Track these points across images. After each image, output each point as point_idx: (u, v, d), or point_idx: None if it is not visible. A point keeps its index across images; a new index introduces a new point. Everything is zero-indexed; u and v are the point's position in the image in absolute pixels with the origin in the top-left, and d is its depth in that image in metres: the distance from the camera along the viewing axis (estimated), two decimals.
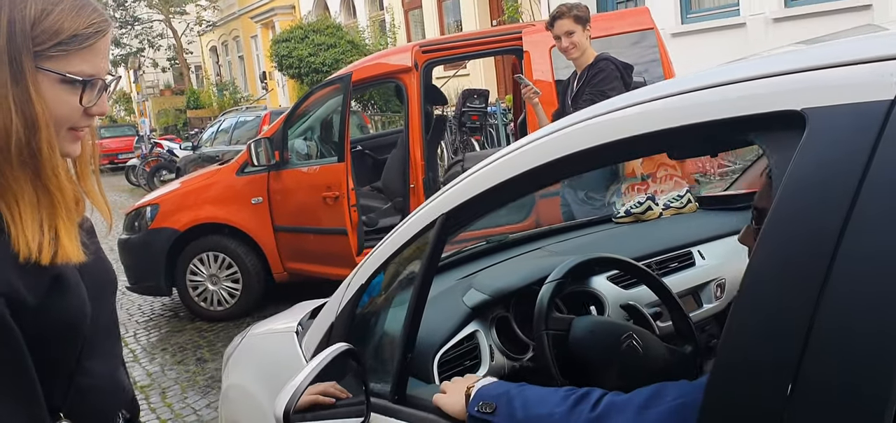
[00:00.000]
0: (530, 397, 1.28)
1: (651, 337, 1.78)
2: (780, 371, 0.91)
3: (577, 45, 4.17)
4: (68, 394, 1.28)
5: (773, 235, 0.95)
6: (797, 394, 0.89)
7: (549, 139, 1.37)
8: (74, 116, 1.22)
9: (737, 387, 0.96)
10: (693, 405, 1.13)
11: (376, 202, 6.90)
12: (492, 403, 1.31)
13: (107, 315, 1.38)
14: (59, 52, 1.17)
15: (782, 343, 0.91)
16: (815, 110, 0.95)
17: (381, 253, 1.79)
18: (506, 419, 1.28)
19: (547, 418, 1.20)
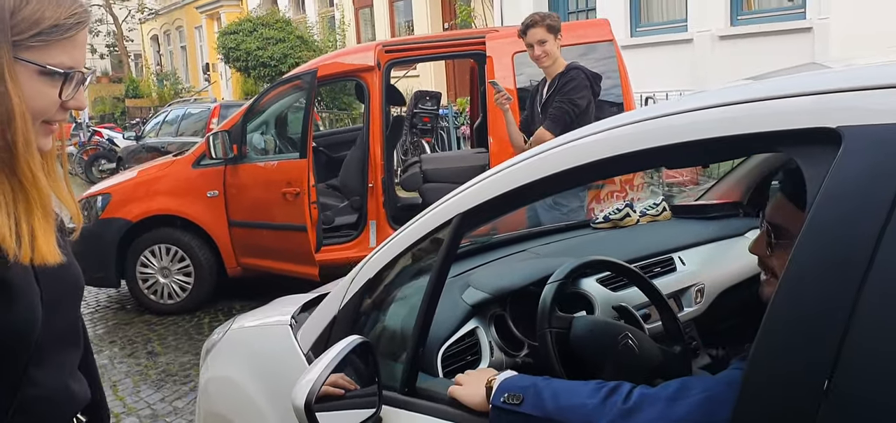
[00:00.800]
0: (559, 388, 1.33)
1: (644, 337, 1.87)
2: (815, 371, 0.99)
3: (548, 53, 4.26)
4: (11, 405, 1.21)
5: (810, 243, 1.03)
6: (832, 392, 0.97)
7: (576, 145, 1.43)
8: (51, 109, 1.18)
9: (773, 385, 1.04)
10: (717, 398, 1.21)
11: (332, 200, 6.90)
12: (519, 394, 1.36)
13: (65, 322, 1.31)
14: (38, 43, 1.12)
15: (818, 346, 0.99)
16: (850, 129, 1.03)
17: (390, 249, 1.83)
18: (535, 409, 1.33)
19: (579, 409, 1.26)
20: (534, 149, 1.59)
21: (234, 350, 2.37)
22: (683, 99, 1.32)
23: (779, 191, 1.39)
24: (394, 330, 1.88)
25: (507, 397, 1.38)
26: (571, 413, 1.26)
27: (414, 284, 1.86)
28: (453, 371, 1.88)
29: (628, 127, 1.33)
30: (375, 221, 6.12)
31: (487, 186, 1.60)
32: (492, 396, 1.42)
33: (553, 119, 4.16)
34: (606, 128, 1.38)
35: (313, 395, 1.50)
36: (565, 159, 1.44)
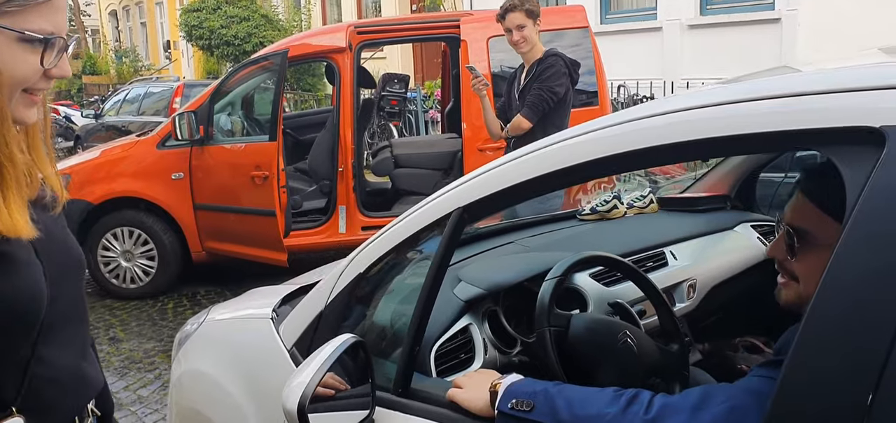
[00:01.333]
0: (573, 396, 1.27)
1: (643, 335, 1.82)
2: (860, 381, 0.94)
3: (527, 39, 4.19)
4: (22, 386, 1.18)
5: (852, 248, 0.98)
6: (877, 404, 0.92)
7: (584, 140, 1.36)
8: (33, 77, 1.12)
9: (811, 398, 0.98)
10: (741, 408, 1.16)
11: (300, 184, 6.77)
12: (529, 400, 1.29)
13: (69, 299, 1.27)
14: (15, 8, 1.08)
15: (863, 355, 0.94)
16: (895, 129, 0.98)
17: (382, 243, 1.74)
18: (547, 417, 1.26)
19: (597, 418, 1.20)
20: (538, 143, 1.52)
21: (211, 343, 2.27)
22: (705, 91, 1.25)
23: (798, 192, 1.33)
24: (386, 328, 1.80)
25: (516, 402, 1.31)
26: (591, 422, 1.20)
27: (408, 280, 1.78)
28: (446, 371, 1.81)
29: (647, 121, 1.26)
30: (345, 206, 6.01)
31: (489, 179, 1.53)
32: (498, 401, 1.35)
33: (531, 106, 4.09)
34: (624, 120, 1.31)
35: (306, 398, 1.42)
36: (573, 155, 1.37)
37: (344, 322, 1.82)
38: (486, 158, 5.61)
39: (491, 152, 5.57)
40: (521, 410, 1.30)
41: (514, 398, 1.32)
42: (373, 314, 1.85)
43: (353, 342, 1.53)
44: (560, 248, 2.30)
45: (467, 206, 1.54)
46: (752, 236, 2.58)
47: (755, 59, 8.85)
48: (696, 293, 2.32)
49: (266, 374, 1.98)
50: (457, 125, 6.83)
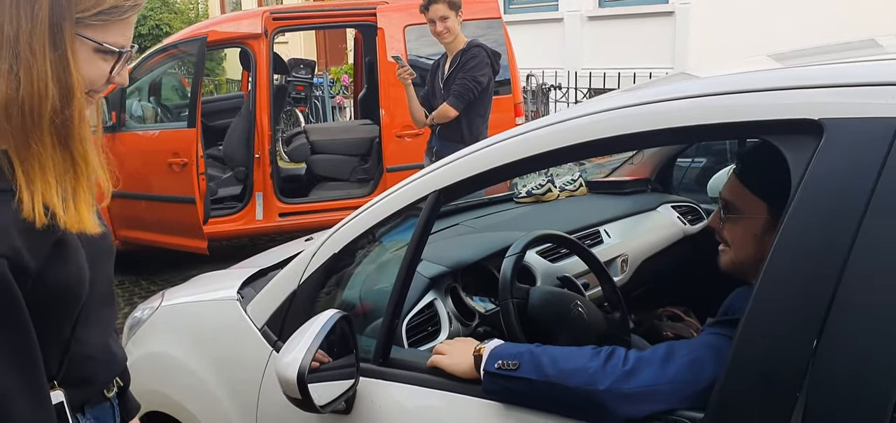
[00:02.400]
0: (556, 354, 1.42)
1: (591, 305, 2.01)
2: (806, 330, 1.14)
3: (450, 30, 4.34)
4: (63, 362, 1.28)
5: (797, 220, 1.18)
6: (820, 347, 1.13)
7: (562, 128, 1.52)
8: (99, 84, 1.23)
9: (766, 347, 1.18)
10: (700, 359, 1.35)
11: (215, 171, 6.69)
12: (515, 360, 1.44)
13: (103, 283, 1.37)
14: (98, 22, 1.18)
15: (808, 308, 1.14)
16: (831, 121, 1.18)
17: (356, 224, 1.86)
18: (534, 372, 1.41)
19: (581, 372, 1.36)
20: (508, 131, 1.67)
21: (172, 326, 2.32)
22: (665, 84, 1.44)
23: (733, 174, 1.55)
24: (363, 304, 1.91)
25: (502, 363, 1.46)
26: (574, 376, 1.36)
27: (383, 258, 1.91)
28: (416, 342, 1.95)
29: (619, 112, 1.44)
30: (262, 192, 6.01)
31: (464, 165, 1.67)
32: (484, 363, 1.49)
33: (457, 95, 4.25)
34: (592, 112, 1.48)
35: (305, 369, 1.53)
36: (546, 141, 1.53)
37: (318, 300, 1.92)
38: (405, 145, 5.75)
39: (409, 139, 5.71)
40: (507, 369, 1.45)
41: (499, 360, 1.47)
42: (345, 292, 1.96)
43: (339, 317, 1.65)
44: (505, 228, 2.47)
45: (443, 189, 1.68)
46: (673, 216, 2.83)
47: (651, 50, 9.35)
48: (628, 268, 2.54)
49: (237, 351, 2.07)
50: (370, 112, 6.92)
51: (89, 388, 1.36)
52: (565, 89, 9.34)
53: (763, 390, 1.19)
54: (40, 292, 1.18)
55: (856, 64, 1.40)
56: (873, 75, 1.20)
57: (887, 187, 1.11)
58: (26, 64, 1.13)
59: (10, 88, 1.12)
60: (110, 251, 1.39)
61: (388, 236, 1.94)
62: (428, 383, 1.64)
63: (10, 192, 1.14)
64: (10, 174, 1.15)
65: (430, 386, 1.63)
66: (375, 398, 1.68)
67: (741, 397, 1.21)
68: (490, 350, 1.51)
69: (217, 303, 2.27)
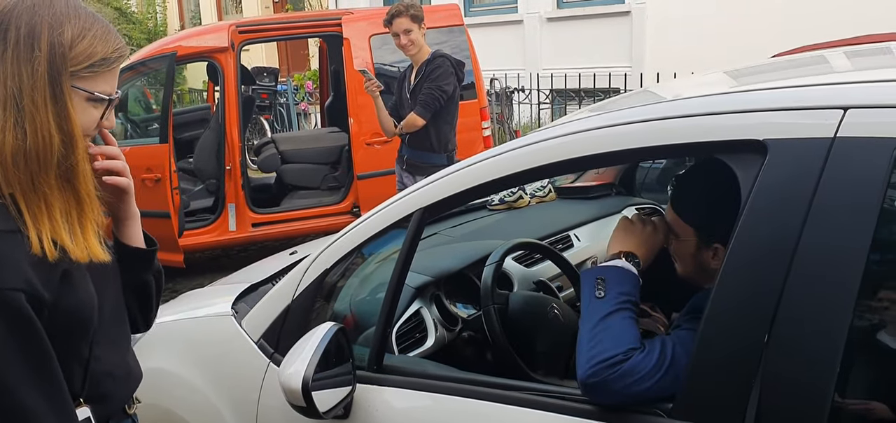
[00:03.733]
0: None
1: (565, 307, 2.17)
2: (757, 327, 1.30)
3: (414, 42, 4.48)
4: (85, 381, 1.40)
5: (747, 229, 1.35)
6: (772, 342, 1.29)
7: (539, 148, 1.67)
8: (91, 128, 1.35)
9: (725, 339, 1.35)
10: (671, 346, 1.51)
11: (186, 184, 6.74)
12: None
13: (112, 302, 1.47)
14: (89, 73, 1.30)
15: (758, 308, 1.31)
16: (774, 141, 1.35)
17: (346, 242, 1.99)
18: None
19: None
20: (489, 151, 1.81)
21: (166, 343, 2.42)
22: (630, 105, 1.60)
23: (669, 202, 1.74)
24: (354, 316, 2.05)
25: None
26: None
27: (373, 273, 2.04)
28: (405, 349, 2.10)
29: (593, 133, 1.60)
30: (234, 204, 6.08)
31: (448, 183, 1.82)
32: None
33: (423, 105, 4.40)
34: (566, 133, 1.64)
35: (309, 379, 1.66)
36: (526, 160, 1.68)
37: (311, 313, 2.05)
38: (375, 152, 5.87)
39: (379, 146, 5.83)
40: None
41: None
42: (336, 305, 2.10)
43: (337, 329, 1.79)
44: (482, 236, 2.62)
45: (429, 206, 1.82)
46: None
47: (610, 50, 9.57)
48: None
49: (234, 365, 2.18)
50: (337, 120, 7.02)
51: (110, 404, 1.47)
52: (528, 91, 9.52)
53: (723, 373, 1.35)
54: (56, 320, 1.29)
55: (796, 88, 1.57)
56: (811, 99, 1.37)
57: (824, 199, 1.28)
58: (31, 116, 1.24)
59: (17, 139, 1.24)
60: (115, 272, 1.48)
61: (376, 251, 2.08)
62: (419, 386, 1.78)
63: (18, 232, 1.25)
64: (17, 216, 1.26)
65: (421, 389, 1.78)
66: (371, 402, 1.81)
67: (705, 379, 1.37)
68: None
69: (212, 319, 2.39)
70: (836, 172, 1.28)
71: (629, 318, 1.52)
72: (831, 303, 1.24)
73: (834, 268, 1.25)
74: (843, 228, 1.25)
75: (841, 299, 1.23)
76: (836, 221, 1.26)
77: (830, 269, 1.26)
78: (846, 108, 1.30)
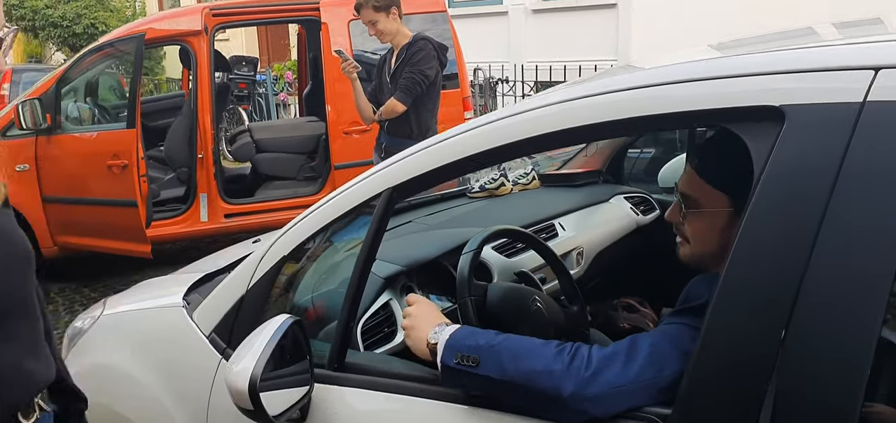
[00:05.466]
0: (518, 350, 1.38)
1: (549, 299, 1.98)
2: (773, 320, 1.12)
3: (383, 31, 4.29)
4: None
5: (761, 207, 1.16)
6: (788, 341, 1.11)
7: (517, 121, 1.48)
8: None
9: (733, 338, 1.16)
10: (663, 351, 1.32)
11: (156, 172, 6.51)
12: (474, 356, 1.39)
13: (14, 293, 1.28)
14: None
15: (775, 297, 1.12)
16: (793, 107, 1.17)
17: (306, 225, 1.79)
18: (494, 370, 1.36)
19: (545, 374, 1.32)
20: (459, 127, 1.62)
21: (115, 336, 2.22)
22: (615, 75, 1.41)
23: (689, 167, 1.52)
24: (315, 308, 1.85)
25: (461, 357, 1.40)
26: (537, 378, 1.32)
27: (335, 259, 1.85)
28: (372, 345, 1.90)
29: (579, 102, 1.40)
30: (206, 193, 5.87)
31: (419, 160, 1.62)
32: (441, 355, 1.43)
33: (404, 90, 4.19)
34: (552, 102, 1.45)
35: (256, 378, 1.46)
36: (508, 133, 1.49)
37: (267, 304, 1.85)
38: (353, 142, 5.67)
39: (357, 135, 5.63)
40: (466, 365, 1.40)
41: (458, 352, 1.42)
42: (297, 296, 1.90)
43: (291, 322, 1.59)
44: (459, 224, 2.43)
45: (397, 186, 1.63)
46: (625, 207, 2.83)
47: (595, 42, 9.42)
48: (583, 260, 2.52)
49: (184, 360, 1.98)
50: (316, 108, 6.80)
51: None
52: (512, 83, 9.35)
53: (731, 381, 1.16)
54: None
55: (816, 49, 1.38)
56: (836, 60, 1.18)
57: (851, 173, 1.09)
58: None
59: None
60: (21, 259, 1.30)
61: (340, 237, 1.88)
62: (385, 386, 1.59)
63: None
64: None
65: (387, 390, 1.58)
66: (331, 404, 1.62)
67: (709, 389, 1.19)
68: (445, 342, 1.45)
69: (162, 310, 2.18)
70: (866, 141, 1.09)
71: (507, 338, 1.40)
72: (860, 293, 1.06)
73: (862, 251, 1.07)
74: (874, 205, 1.07)
75: (871, 288, 1.05)
76: (865, 196, 1.08)
77: (858, 253, 1.07)
78: (878, 68, 1.12)
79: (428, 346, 1.49)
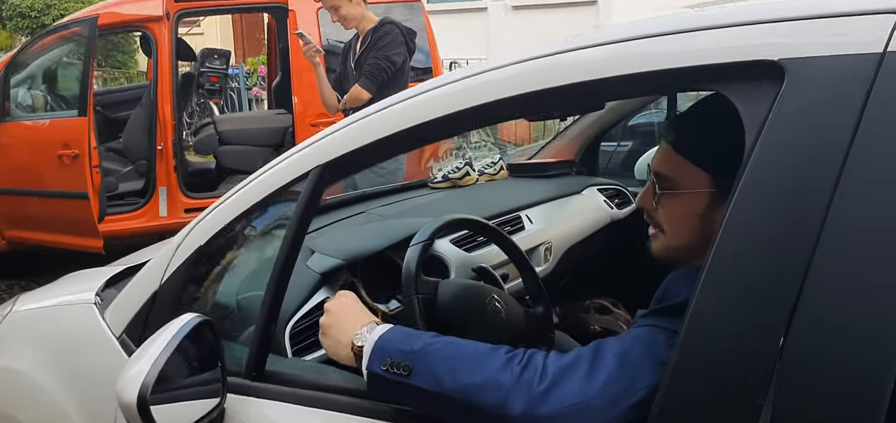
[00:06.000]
0: (459, 357, 1.14)
1: (509, 299, 1.75)
2: (770, 323, 0.89)
3: (347, 18, 4.07)
4: None
5: (754, 184, 0.93)
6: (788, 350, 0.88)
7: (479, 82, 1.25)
8: None
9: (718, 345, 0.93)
10: (633, 358, 1.09)
11: (114, 164, 6.23)
12: (406, 362, 1.16)
13: None
14: None
15: (772, 295, 0.90)
16: (794, 62, 0.94)
17: (225, 210, 1.55)
18: (428, 381, 1.13)
19: (490, 388, 1.08)
20: (404, 93, 1.39)
21: (19, 337, 1.96)
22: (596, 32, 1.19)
23: (664, 143, 1.29)
24: (234, 306, 1.61)
25: (390, 365, 1.17)
26: (480, 393, 1.09)
27: (259, 249, 1.61)
28: (303, 350, 1.66)
29: (527, 64, 1.18)
30: (166, 187, 5.60)
31: (352, 133, 1.39)
32: (367, 361, 1.20)
33: (369, 76, 3.95)
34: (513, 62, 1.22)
35: (147, 388, 1.22)
36: (462, 98, 1.25)
37: (183, 302, 1.61)
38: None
39: (324, 127, 5.37)
40: (396, 373, 1.16)
41: (386, 358, 1.18)
42: (217, 291, 1.66)
43: (198, 322, 1.34)
44: (417, 216, 2.19)
45: (329, 163, 1.39)
46: (599, 199, 2.61)
47: None
48: (552, 256, 2.30)
49: (91, 366, 1.73)
50: (285, 101, 6.54)
51: None
52: None
53: (717, 398, 0.94)
54: None
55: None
56: (846, 3, 0.96)
57: (868, 141, 0.87)
58: None
59: None
60: None
61: (268, 223, 1.64)
62: (310, 400, 1.35)
63: None
64: None
65: (312, 404, 1.34)
66: (246, 418, 1.38)
67: (688, 408, 0.96)
68: (374, 345, 1.21)
69: (70, 309, 1.92)
70: (887, 102, 0.87)
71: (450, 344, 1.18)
72: (879, 291, 0.84)
73: (882, 239, 0.85)
74: None
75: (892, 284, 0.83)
76: (886, 171, 0.86)
77: (876, 241, 0.85)
78: None
79: (353, 350, 1.25)
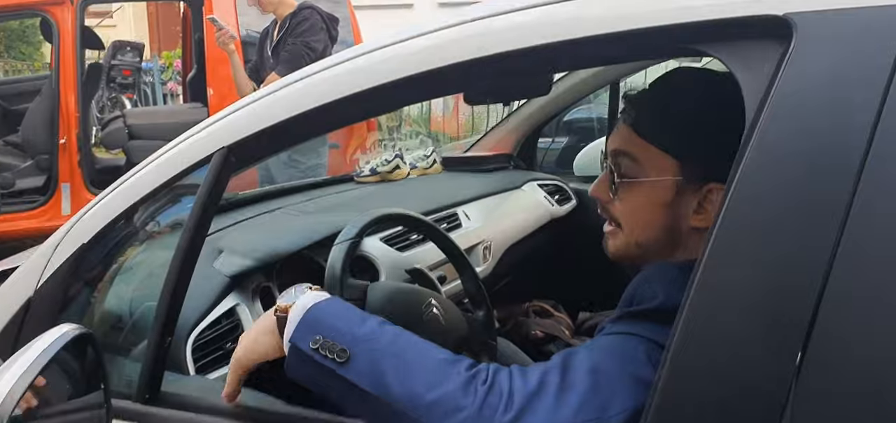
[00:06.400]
0: (411, 360, 0.93)
1: (448, 303, 1.56)
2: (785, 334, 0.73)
3: (263, 3, 3.90)
4: None
5: (757, 167, 0.76)
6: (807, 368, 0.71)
7: (404, 51, 1.05)
8: None
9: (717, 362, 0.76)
10: (606, 374, 0.91)
11: (13, 159, 5.76)
12: (343, 348, 0.94)
13: None
14: None
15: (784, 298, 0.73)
16: (806, 16, 0.78)
17: (112, 202, 1.30)
18: (367, 381, 0.92)
19: (447, 412, 0.88)
20: (322, 63, 1.18)
21: None
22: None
23: (624, 125, 1.11)
24: (123, 315, 1.36)
25: (322, 344, 0.95)
26: (435, 413, 0.88)
27: (155, 248, 1.37)
28: (208, 366, 1.42)
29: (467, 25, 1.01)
30: (69, 183, 5.22)
31: (263, 108, 1.17)
32: (292, 328, 0.98)
33: (286, 63, 3.70)
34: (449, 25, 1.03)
35: (5, 414, 0.97)
36: (386, 70, 1.05)
37: (63, 311, 1.36)
38: None
39: None
40: (327, 357, 0.94)
41: (318, 336, 0.96)
42: (104, 298, 1.40)
43: (76, 336, 1.10)
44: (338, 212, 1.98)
45: (234, 145, 1.16)
46: (539, 195, 2.44)
47: None
48: (491, 256, 2.12)
49: None
50: (201, 94, 6.21)
51: None
52: None
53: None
54: None
55: None
56: None
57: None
58: None
59: None
60: None
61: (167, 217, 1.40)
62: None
63: None
64: None
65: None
66: None
67: None
68: (304, 312, 0.99)
69: None
70: None
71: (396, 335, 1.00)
72: None
73: None
74: None
75: None
76: None
77: None
78: None
79: (276, 313, 1.03)
